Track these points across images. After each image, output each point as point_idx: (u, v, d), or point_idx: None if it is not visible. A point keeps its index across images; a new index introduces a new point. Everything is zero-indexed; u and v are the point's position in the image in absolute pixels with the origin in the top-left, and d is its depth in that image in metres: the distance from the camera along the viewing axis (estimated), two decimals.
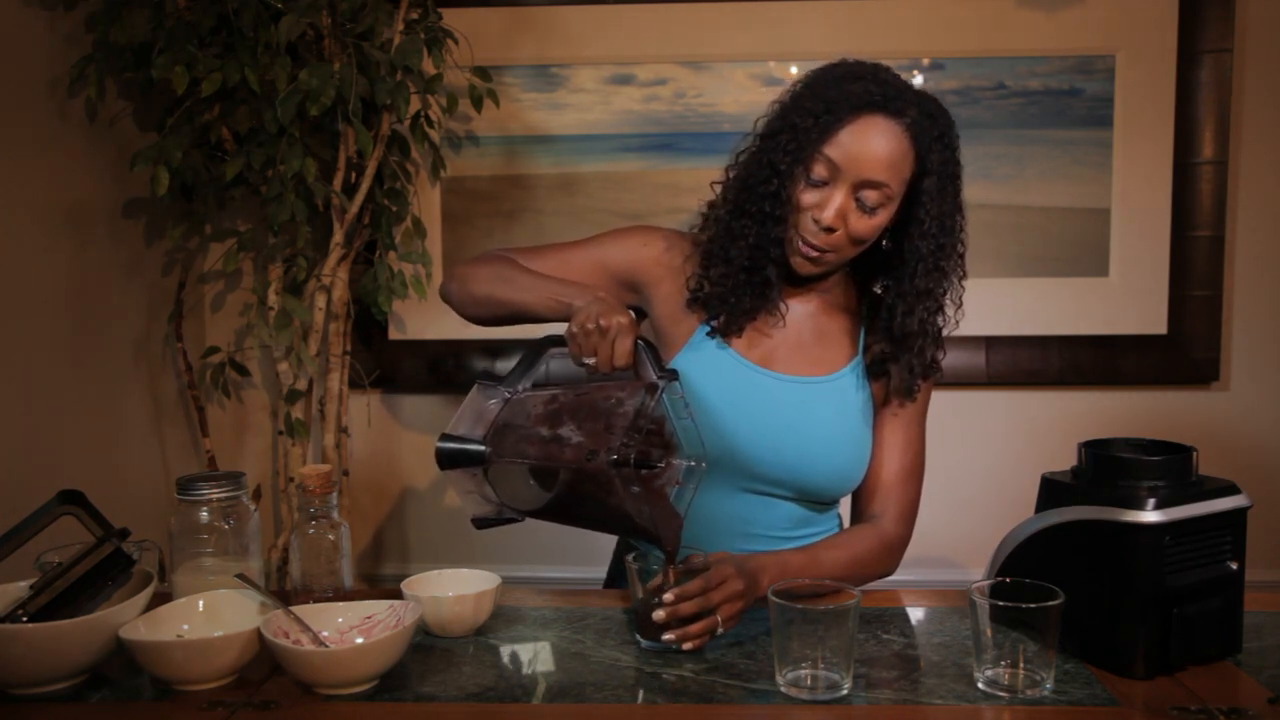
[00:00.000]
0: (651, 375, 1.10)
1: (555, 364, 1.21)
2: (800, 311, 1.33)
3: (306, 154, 1.78)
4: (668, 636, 1.04)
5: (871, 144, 1.17)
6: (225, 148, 1.89)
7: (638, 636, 1.08)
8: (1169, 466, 1.01)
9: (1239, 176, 2.04)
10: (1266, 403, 2.08)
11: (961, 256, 1.27)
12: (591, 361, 1.12)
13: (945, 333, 1.31)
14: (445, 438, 1.12)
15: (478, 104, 1.95)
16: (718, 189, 1.34)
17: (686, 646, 1.04)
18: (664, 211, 2.07)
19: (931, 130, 1.20)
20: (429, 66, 1.89)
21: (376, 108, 1.84)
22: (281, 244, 1.90)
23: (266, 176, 1.82)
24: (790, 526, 1.33)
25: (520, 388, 1.16)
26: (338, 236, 1.88)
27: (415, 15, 1.87)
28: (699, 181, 2.14)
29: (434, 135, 2.00)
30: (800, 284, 1.32)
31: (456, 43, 1.92)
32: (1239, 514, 1.03)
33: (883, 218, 1.22)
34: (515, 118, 2.09)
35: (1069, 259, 2.06)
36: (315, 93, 1.72)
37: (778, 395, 1.28)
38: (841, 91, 1.19)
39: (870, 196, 1.19)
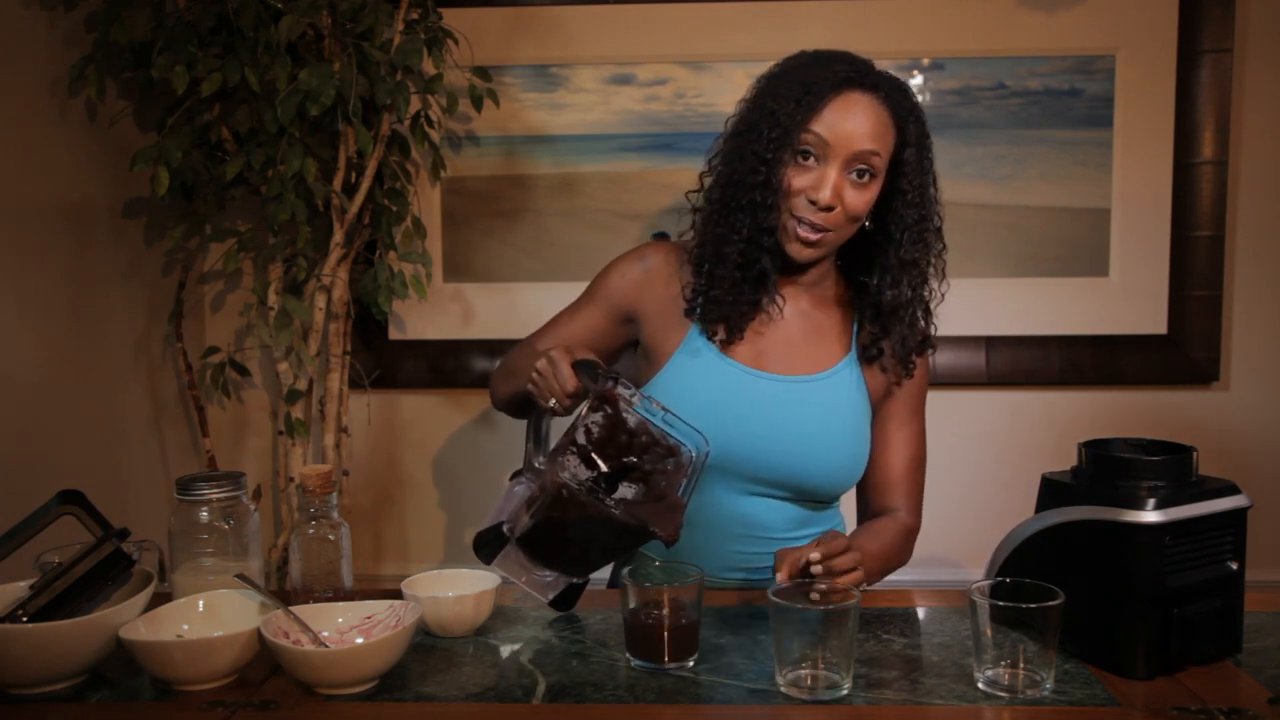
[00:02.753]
0: (593, 387, 1.10)
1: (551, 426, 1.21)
2: (792, 309, 1.33)
3: (306, 154, 1.78)
4: (815, 594, 1.00)
5: (857, 117, 1.20)
6: (225, 148, 1.89)
7: (628, 655, 1.06)
8: (1169, 466, 1.01)
9: (1239, 176, 2.04)
10: (1266, 403, 2.08)
11: (939, 229, 1.30)
12: (553, 404, 1.13)
13: (934, 306, 1.33)
14: (476, 534, 1.12)
15: (478, 104, 1.95)
16: (694, 198, 1.34)
17: (844, 580, 1.06)
18: (664, 212, 2.07)
19: (905, 103, 1.23)
20: (429, 66, 1.89)
21: (376, 108, 1.84)
22: (281, 244, 1.90)
23: (266, 176, 1.82)
24: (791, 527, 1.33)
25: (537, 464, 1.16)
26: (338, 236, 1.88)
27: (415, 15, 1.87)
28: (699, 182, 2.14)
29: (434, 135, 2.00)
30: (793, 273, 1.32)
31: (456, 43, 1.92)
32: (1239, 514, 1.03)
33: (874, 190, 1.23)
34: (515, 118, 2.09)
35: (1069, 259, 2.06)
36: (315, 93, 1.72)
37: (772, 396, 1.29)
38: (817, 73, 1.21)
39: (861, 168, 1.21)
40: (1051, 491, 1.08)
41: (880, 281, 1.29)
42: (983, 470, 2.11)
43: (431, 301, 2.11)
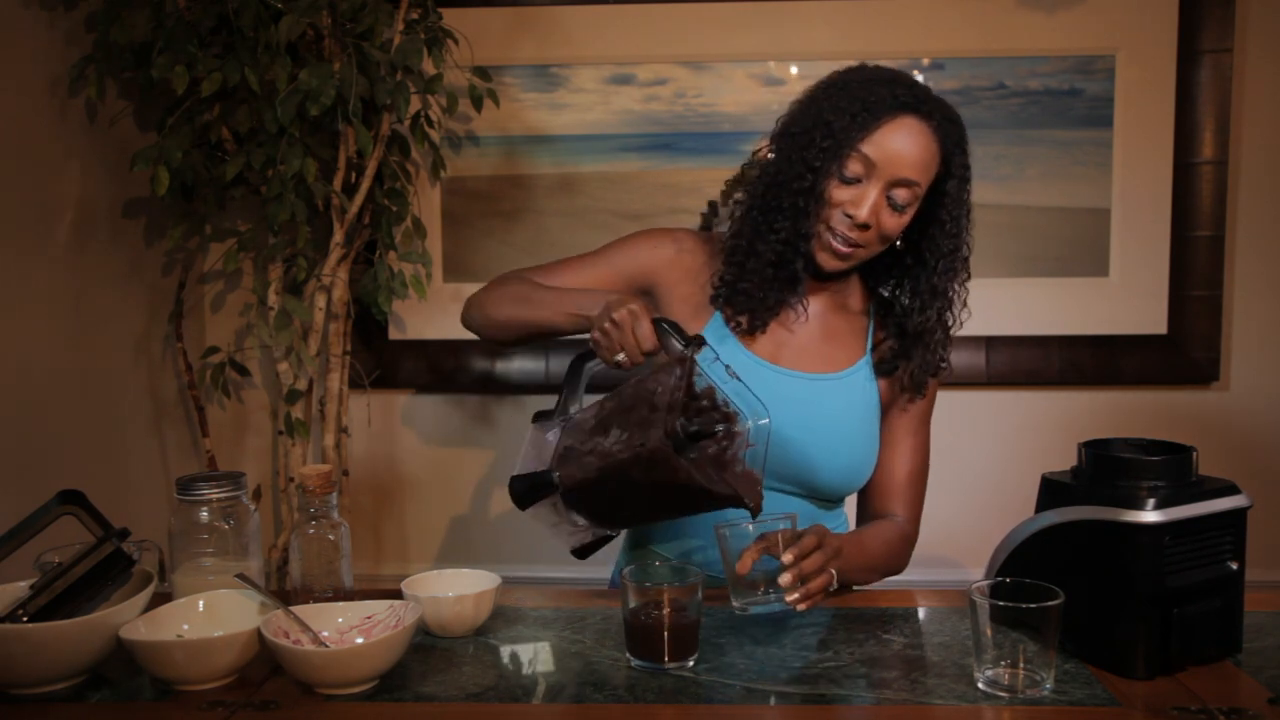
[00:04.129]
0: (677, 348, 1.09)
1: (596, 376, 1.20)
2: (812, 309, 1.34)
3: (306, 154, 1.78)
4: (793, 597, 1.05)
5: (907, 144, 1.20)
6: (225, 148, 1.89)
7: (628, 655, 1.05)
8: (1169, 466, 1.01)
9: (1239, 176, 2.04)
10: (1266, 403, 2.08)
11: (966, 259, 1.31)
12: (622, 358, 1.11)
13: (952, 332, 1.34)
14: (514, 479, 1.11)
15: (478, 104, 1.95)
16: (733, 187, 1.34)
17: (802, 607, 1.06)
18: (664, 211, 2.07)
19: (953, 134, 1.23)
20: (429, 66, 1.89)
21: (376, 108, 1.84)
22: (281, 244, 1.90)
23: (266, 176, 1.82)
24: (799, 524, 1.33)
25: (572, 411, 1.15)
26: (338, 236, 1.88)
27: (415, 15, 1.87)
28: (699, 181, 2.14)
29: (434, 135, 2.00)
30: (822, 280, 1.32)
31: (456, 43, 1.92)
32: (1239, 514, 1.03)
33: (908, 216, 1.25)
34: (515, 118, 2.09)
35: (1069, 259, 2.06)
36: (315, 93, 1.72)
37: (789, 391, 1.29)
38: (876, 92, 1.21)
39: (901, 195, 1.22)
40: (1051, 491, 1.08)
41: (910, 304, 1.31)
42: (983, 470, 2.11)
43: (431, 301, 2.11)
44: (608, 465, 1.05)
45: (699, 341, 1.09)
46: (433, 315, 2.13)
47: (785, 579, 1.05)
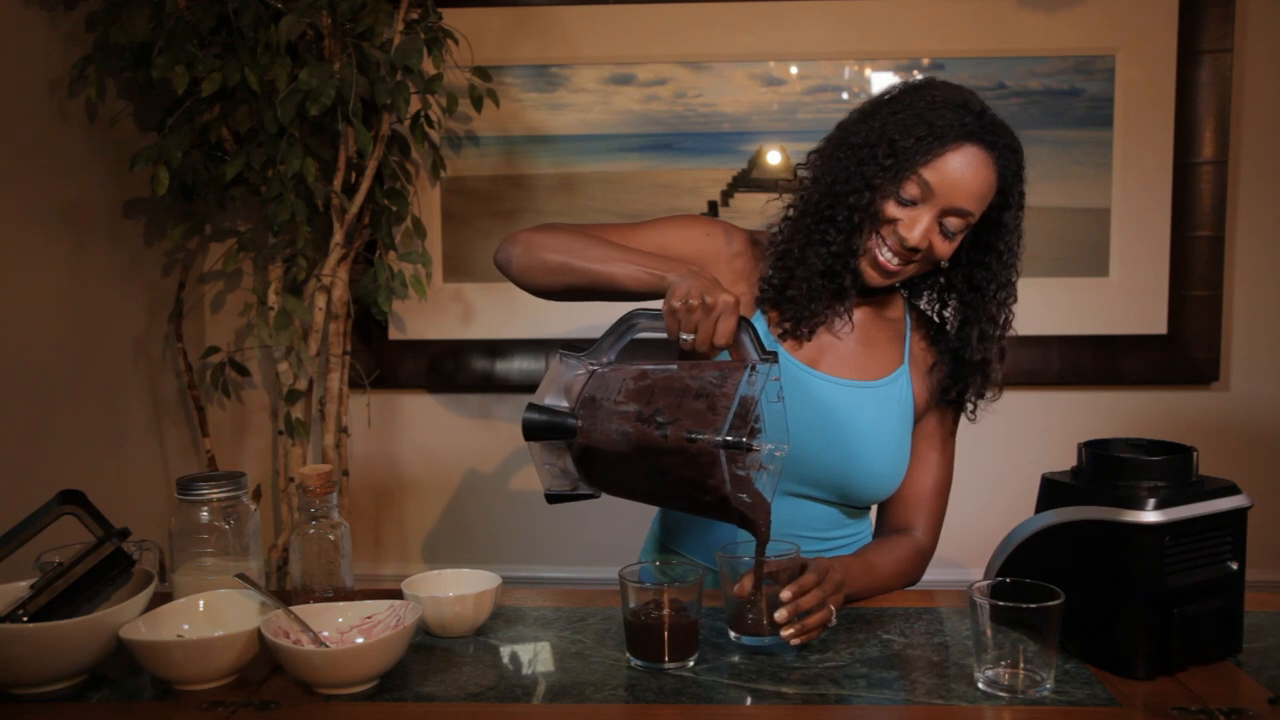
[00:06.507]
0: (753, 355, 1.07)
1: (639, 338, 1.15)
2: (854, 318, 1.34)
3: (306, 154, 1.78)
4: (788, 633, 1.04)
5: (968, 174, 1.20)
6: (225, 148, 1.89)
7: (628, 655, 1.05)
8: (1169, 466, 1.01)
9: (1239, 176, 2.04)
10: (1266, 403, 2.08)
11: (1015, 283, 1.31)
12: (690, 338, 1.07)
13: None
14: (533, 408, 1.07)
15: (478, 104, 1.95)
16: (784, 196, 1.32)
17: (796, 642, 1.05)
18: (664, 211, 2.07)
19: (1013, 164, 1.23)
20: (429, 66, 1.89)
21: (376, 108, 1.84)
22: (281, 244, 1.90)
23: (266, 176, 1.82)
24: (826, 528, 1.34)
25: (604, 361, 1.11)
26: (338, 236, 1.88)
27: (415, 15, 1.87)
28: (699, 181, 2.15)
29: (434, 135, 2.00)
30: (866, 293, 1.32)
31: (456, 43, 1.92)
32: (1239, 514, 1.03)
33: (958, 242, 1.25)
34: (515, 118, 2.09)
35: (1069, 259, 2.06)
36: (315, 93, 1.72)
37: (828, 397, 1.29)
38: (944, 117, 1.20)
39: (953, 223, 1.22)
40: (1051, 491, 1.08)
41: (966, 332, 1.30)
42: (983, 470, 2.10)
43: (431, 301, 2.11)
44: (641, 438, 1.02)
45: (773, 358, 1.07)
46: (433, 315, 2.13)
47: (781, 615, 1.04)
